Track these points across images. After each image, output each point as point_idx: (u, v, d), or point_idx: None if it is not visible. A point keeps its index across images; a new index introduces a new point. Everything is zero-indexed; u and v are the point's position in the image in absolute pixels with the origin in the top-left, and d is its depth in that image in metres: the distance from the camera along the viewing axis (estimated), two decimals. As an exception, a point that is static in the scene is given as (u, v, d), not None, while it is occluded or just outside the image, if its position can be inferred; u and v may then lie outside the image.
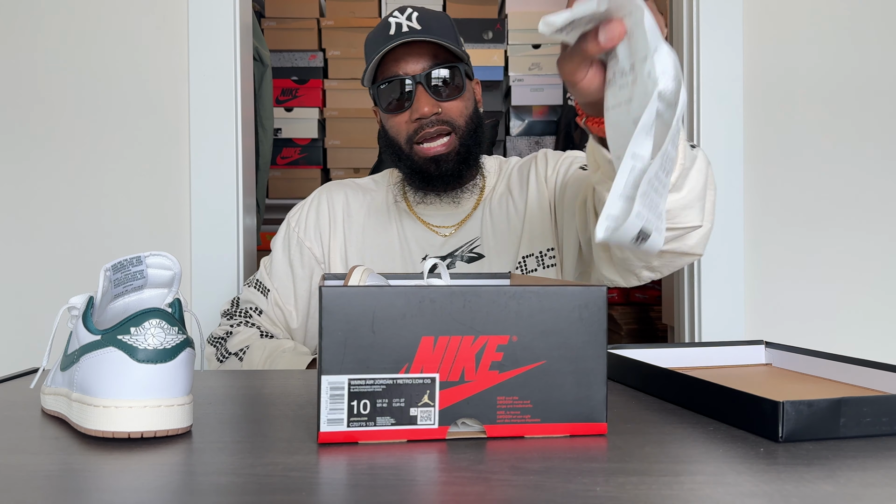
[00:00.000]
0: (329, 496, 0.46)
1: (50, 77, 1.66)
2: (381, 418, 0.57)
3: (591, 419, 0.60)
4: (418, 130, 1.14)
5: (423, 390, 0.57)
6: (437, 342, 0.57)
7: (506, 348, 0.58)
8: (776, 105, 1.74)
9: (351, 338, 0.56)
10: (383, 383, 0.57)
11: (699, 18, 1.74)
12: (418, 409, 0.58)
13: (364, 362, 0.57)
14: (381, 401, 0.57)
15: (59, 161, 1.67)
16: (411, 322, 0.57)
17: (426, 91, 1.13)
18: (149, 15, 1.67)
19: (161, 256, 0.65)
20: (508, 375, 0.59)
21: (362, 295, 0.56)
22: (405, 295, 0.57)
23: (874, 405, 0.59)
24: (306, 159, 3.39)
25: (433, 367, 0.57)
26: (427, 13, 1.15)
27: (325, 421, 0.57)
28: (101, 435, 0.58)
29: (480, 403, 0.58)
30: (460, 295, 0.58)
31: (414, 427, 0.58)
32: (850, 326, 1.73)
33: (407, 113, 1.14)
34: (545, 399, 0.59)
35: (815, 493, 0.46)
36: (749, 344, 0.88)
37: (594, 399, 0.60)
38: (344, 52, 3.42)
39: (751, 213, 1.74)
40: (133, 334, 0.57)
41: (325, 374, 0.56)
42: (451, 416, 0.58)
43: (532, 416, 0.59)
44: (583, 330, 0.60)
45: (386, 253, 1.19)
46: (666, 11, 2.88)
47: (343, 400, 0.57)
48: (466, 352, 0.58)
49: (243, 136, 1.70)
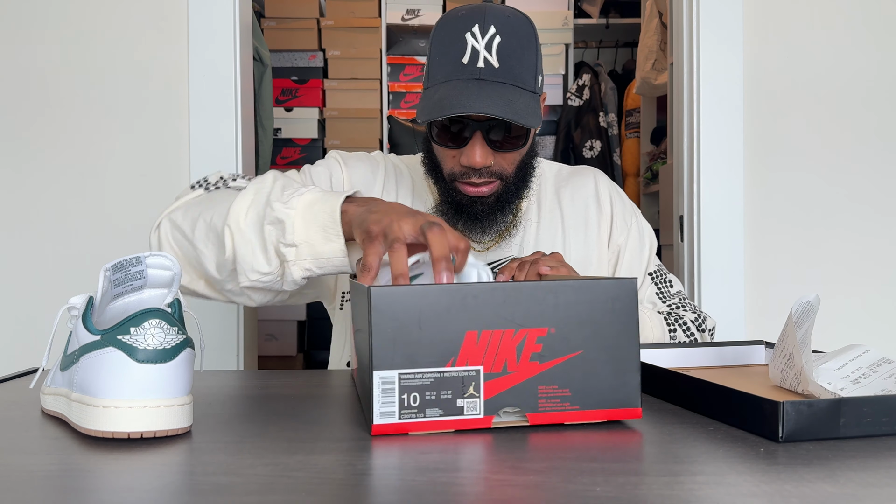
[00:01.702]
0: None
1: (50, 77, 1.66)
2: (429, 410, 0.60)
3: (627, 405, 0.63)
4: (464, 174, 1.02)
5: (469, 382, 0.60)
6: (480, 336, 0.60)
7: (545, 340, 0.61)
8: (776, 105, 1.74)
9: (400, 335, 0.59)
10: (431, 377, 0.60)
11: (699, 18, 1.73)
12: (464, 401, 0.61)
13: (412, 357, 0.60)
14: (430, 393, 0.60)
15: (59, 160, 1.67)
16: (455, 318, 0.60)
17: (484, 140, 1.00)
18: (149, 15, 1.67)
19: (161, 257, 0.65)
20: (548, 365, 0.62)
21: (409, 294, 0.60)
22: (449, 293, 0.60)
23: (874, 405, 0.59)
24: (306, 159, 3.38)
25: (477, 360, 0.60)
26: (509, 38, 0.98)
27: (378, 414, 0.59)
28: (101, 435, 0.58)
29: (523, 393, 0.61)
30: (501, 291, 0.61)
31: (461, 417, 0.61)
32: (850, 326, 1.73)
33: (458, 151, 1.02)
34: (583, 387, 0.62)
35: (816, 493, 0.46)
36: (749, 344, 0.88)
37: (629, 385, 0.63)
38: (344, 52, 3.42)
39: (751, 214, 1.74)
40: (133, 334, 0.57)
41: (377, 370, 0.59)
42: (495, 405, 0.61)
43: (571, 404, 0.62)
44: (616, 320, 0.62)
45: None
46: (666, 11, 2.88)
47: (394, 393, 0.59)
48: (508, 344, 0.61)
49: (243, 136, 1.70)
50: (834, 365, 0.71)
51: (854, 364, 0.70)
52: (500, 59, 0.98)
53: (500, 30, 0.98)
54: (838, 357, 0.72)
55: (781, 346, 0.70)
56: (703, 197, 1.73)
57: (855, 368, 0.70)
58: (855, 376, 0.69)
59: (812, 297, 0.69)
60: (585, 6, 3.81)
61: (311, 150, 3.38)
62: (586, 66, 3.66)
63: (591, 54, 3.94)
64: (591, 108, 3.59)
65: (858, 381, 0.68)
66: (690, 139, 1.77)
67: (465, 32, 0.98)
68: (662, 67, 3.00)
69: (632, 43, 3.78)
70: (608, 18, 3.77)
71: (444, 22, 1.03)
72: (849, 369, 0.70)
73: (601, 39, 3.87)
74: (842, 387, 0.68)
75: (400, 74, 3.49)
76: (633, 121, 3.58)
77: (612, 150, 3.61)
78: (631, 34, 3.74)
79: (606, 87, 3.66)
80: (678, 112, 1.85)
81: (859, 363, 0.70)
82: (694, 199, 1.75)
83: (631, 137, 3.58)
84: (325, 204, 0.84)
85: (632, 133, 3.58)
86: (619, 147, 3.64)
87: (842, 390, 0.67)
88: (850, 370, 0.70)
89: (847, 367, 0.70)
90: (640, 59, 3.13)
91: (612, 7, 3.80)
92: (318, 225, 0.83)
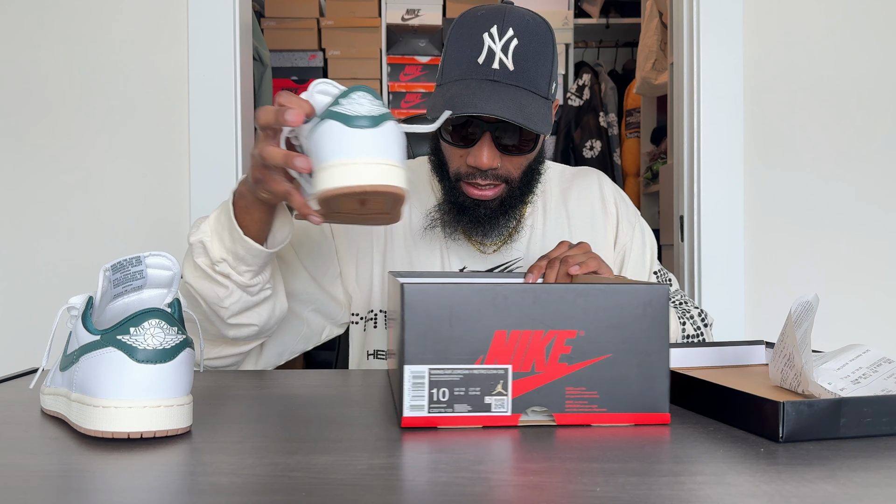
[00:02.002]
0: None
1: (50, 77, 1.66)
2: (458, 405, 0.61)
3: (655, 409, 0.64)
4: (470, 175, 1.02)
5: (497, 380, 0.61)
6: (509, 335, 0.61)
7: (574, 342, 0.62)
8: (776, 105, 1.74)
9: (431, 331, 0.61)
10: (461, 373, 0.61)
11: (699, 18, 1.73)
12: (493, 398, 0.62)
13: (443, 353, 0.61)
14: (459, 389, 0.61)
15: (60, 161, 1.67)
16: (486, 317, 0.61)
17: (492, 142, 0.99)
18: (149, 15, 1.67)
19: (160, 256, 0.65)
20: (576, 367, 0.62)
21: (441, 292, 0.61)
22: (480, 292, 0.61)
23: (875, 405, 0.59)
24: (306, 159, 3.39)
25: (506, 359, 0.62)
26: (526, 41, 0.97)
27: (408, 407, 0.61)
28: (101, 435, 0.57)
29: (550, 393, 0.62)
30: (531, 292, 0.62)
31: (489, 414, 0.62)
32: (850, 326, 1.73)
33: (465, 151, 1.01)
34: (611, 390, 0.63)
35: (816, 493, 0.46)
36: (750, 344, 0.88)
37: (657, 390, 0.63)
38: (344, 51, 3.42)
39: (751, 214, 1.74)
40: (133, 334, 0.57)
41: (408, 364, 0.61)
42: (522, 404, 0.62)
43: (599, 406, 0.63)
44: (647, 325, 0.63)
45: (426, 260, 1.11)
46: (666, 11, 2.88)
47: (424, 388, 0.61)
48: (537, 345, 0.62)
49: (243, 136, 1.70)
50: (834, 365, 0.70)
51: (854, 364, 0.70)
52: (515, 62, 0.97)
53: (518, 33, 0.97)
54: (838, 357, 0.71)
55: (781, 347, 0.70)
56: (703, 197, 1.73)
57: (855, 368, 0.70)
58: (855, 376, 0.69)
59: (811, 296, 0.69)
60: (585, 6, 3.81)
61: (311, 150, 3.38)
62: (586, 66, 3.66)
63: (592, 54, 3.94)
64: (591, 108, 3.59)
65: (859, 380, 0.68)
66: (691, 139, 1.77)
67: (483, 32, 0.97)
68: (662, 67, 3.00)
69: (632, 43, 3.78)
70: (608, 18, 3.77)
71: (462, 20, 1.01)
72: (849, 369, 0.70)
73: (601, 39, 3.87)
74: (842, 387, 0.68)
75: (400, 74, 3.49)
76: (633, 121, 3.59)
77: (613, 150, 3.61)
78: (631, 34, 3.74)
79: (606, 87, 3.66)
80: (678, 112, 1.85)
81: (860, 363, 0.70)
82: (694, 199, 1.75)
83: (631, 137, 3.58)
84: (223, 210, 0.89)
85: (632, 133, 3.58)
86: (620, 147, 3.64)
87: (842, 390, 0.67)
88: (851, 370, 0.70)
89: (847, 366, 0.70)
90: (641, 58, 3.13)
91: (613, 7, 3.80)
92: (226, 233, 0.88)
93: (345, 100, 0.66)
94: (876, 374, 0.69)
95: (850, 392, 0.67)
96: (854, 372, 0.69)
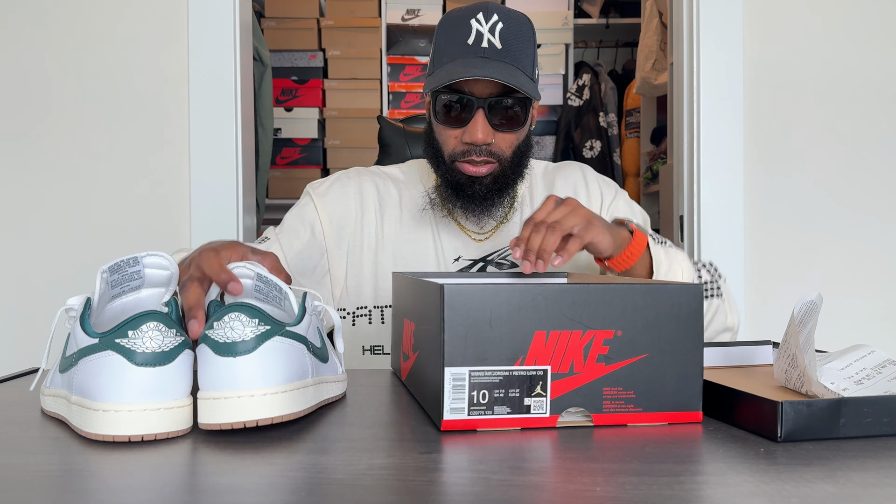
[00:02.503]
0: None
1: (49, 77, 1.66)
2: (497, 407, 0.61)
3: (688, 408, 0.64)
4: (465, 152, 1.08)
5: (537, 381, 0.62)
6: (548, 336, 0.62)
7: (611, 342, 0.62)
8: (776, 105, 1.74)
9: (471, 332, 0.61)
10: (500, 374, 0.61)
11: (699, 18, 1.73)
12: (531, 399, 0.62)
13: (482, 355, 0.61)
14: (498, 391, 0.61)
15: (58, 161, 1.67)
16: (525, 318, 0.61)
17: (486, 118, 1.06)
18: (148, 15, 1.67)
19: (158, 256, 0.65)
20: (614, 368, 0.63)
21: (481, 293, 0.61)
22: (520, 293, 0.61)
23: (875, 406, 0.59)
24: (306, 159, 3.39)
25: (545, 360, 0.62)
26: (511, 27, 1.06)
27: (448, 410, 0.61)
28: (102, 439, 0.57)
29: (588, 394, 0.62)
30: (570, 292, 0.62)
31: (527, 416, 0.62)
32: (850, 326, 1.73)
33: (460, 130, 1.08)
34: (647, 390, 0.63)
35: (816, 493, 0.46)
36: (756, 344, 0.88)
37: (691, 389, 0.64)
38: (344, 51, 3.42)
39: (751, 214, 1.74)
40: (131, 337, 0.57)
41: (448, 366, 0.60)
42: (561, 405, 0.62)
43: (635, 406, 0.63)
44: (681, 325, 0.63)
45: (420, 251, 1.16)
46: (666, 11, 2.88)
47: (464, 390, 0.61)
48: (575, 345, 0.62)
49: (243, 136, 1.70)
50: (838, 365, 0.70)
51: (858, 364, 0.70)
52: (502, 41, 1.05)
53: (502, 18, 1.06)
54: (843, 357, 0.71)
55: (785, 347, 0.70)
56: (703, 197, 1.73)
57: (859, 369, 0.70)
58: (859, 377, 0.69)
59: (814, 295, 0.69)
60: (585, 6, 3.81)
61: (310, 150, 3.38)
62: (586, 66, 3.66)
63: (591, 54, 3.93)
64: (591, 108, 3.59)
65: (862, 381, 0.68)
66: (690, 139, 1.77)
67: (471, 18, 1.06)
68: (662, 67, 3.00)
69: (632, 43, 3.77)
70: (608, 18, 3.77)
71: (447, 16, 1.11)
72: (853, 370, 0.70)
73: (601, 39, 3.87)
74: (845, 387, 0.68)
75: (400, 74, 3.49)
76: (633, 121, 3.58)
77: (612, 150, 3.61)
78: (631, 34, 3.74)
79: (606, 87, 3.66)
80: (678, 112, 1.85)
81: (864, 364, 0.70)
82: (694, 199, 1.75)
83: (631, 137, 3.58)
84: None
85: (632, 133, 3.58)
86: (619, 147, 3.64)
87: (844, 391, 0.67)
88: (854, 371, 0.70)
89: (851, 367, 0.70)
90: (640, 58, 3.13)
91: (612, 7, 3.80)
92: None
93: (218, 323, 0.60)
94: (880, 376, 0.69)
95: (853, 393, 0.67)
96: (858, 373, 0.69)
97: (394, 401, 0.74)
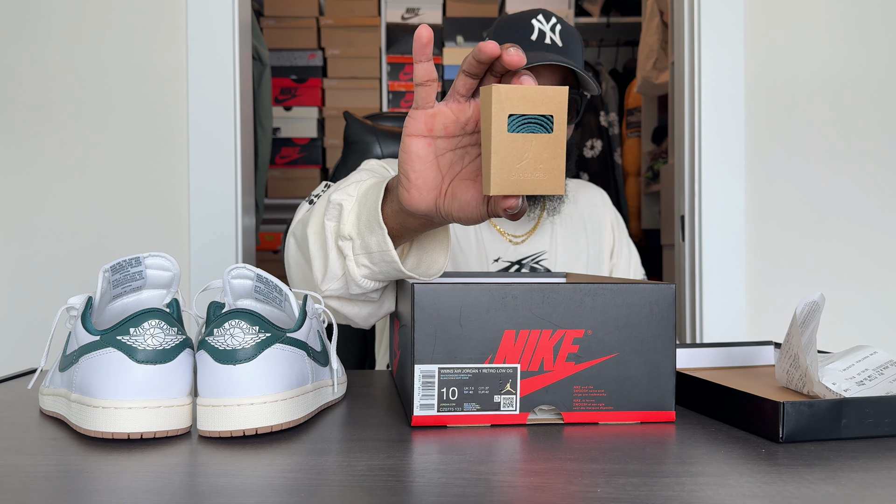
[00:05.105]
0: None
1: (48, 77, 1.66)
2: (467, 404, 0.62)
3: (661, 408, 0.65)
4: None
5: (506, 379, 0.62)
6: (518, 335, 0.62)
7: (582, 341, 0.63)
8: (777, 105, 1.74)
9: (441, 330, 0.62)
10: (470, 372, 0.62)
11: (700, 17, 1.73)
12: (501, 397, 0.63)
13: (452, 353, 0.62)
14: (468, 388, 0.62)
15: (58, 161, 1.67)
16: (495, 316, 0.62)
17: None
18: (148, 14, 1.67)
19: (160, 257, 0.65)
20: (584, 366, 0.63)
21: (451, 292, 0.62)
22: (490, 292, 0.62)
23: (876, 406, 0.59)
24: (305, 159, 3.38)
25: (515, 358, 0.62)
26: (568, 29, 1.12)
27: (418, 406, 0.62)
28: (101, 436, 0.57)
29: (558, 392, 0.63)
30: (539, 291, 0.62)
31: (497, 413, 0.63)
32: (851, 326, 1.73)
33: None
34: (618, 388, 0.64)
35: (817, 493, 0.46)
36: (758, 344, 0.88)
37: (663, 389, 0.64)
38: (343, 50, 3.42)
39: (752, 214, 1.74)
40: (132, 335, 0.57)
41: (418, 364, 0.62)
42: (531, 403, 0.63)
43: (606, 405, 0.64)
44: (653, 324, 0.64)
45: (466, 247, 1.17)
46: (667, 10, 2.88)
47: (434, 387, 0.62)
48: (545, 344, 0.63)
49: (242, 136, 1.70)
50: (840, 365, 0.70)
51: (861, 365, 0.70)
52: (563, 41, 1.10)
53: (559, 21, 1.12)
54: (845, 357, 0.71)
55: (787, 347, 0.70)
56: (704, 196, 1.73)
57: (861, 370, 0.70)
58: (861, 378, 0.69)
59: (817, 295, 0.69)
60: (586, 5, 3.81)
61: (310, 150, 3.38)
62: (587, 65, 3.66)
63: (592, 53, 3.93)
64: (591, 108, 3.59)
65: (864, 382, 0.68)
66: (692, 138, 1.77)
67: (531, 19, 1.11)
68: (663, 66, 3.00)
69: (633, 42, 3.77)
70: (609, 17, 3.77)
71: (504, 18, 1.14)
72: (855, 370, 0.70)
73: (602, 38, 3.87)
74: (846, 388, 0.68)
75: (399, 73, 3.49)
76: (634, 120, 3.58)
77: (613, 150, 3.61)
78: (632, 33, 3.74)
79: (607, 87, 3.66)
80: (679, 111, 1.85)
81: (866, 364, 0.70)
82: (695, 199, 1.75)
83: (632, 137, 3.58)
84: (375, 189, 0.73)
85: (633, 132, 3.58)
86: (620, 146, 3.64)
87: (846, 391, 0.67)
88: (856, 372, 0.70)
89: (853, 368, 0.70)
90: (641, 58, 3.13)
91: (613, 6, 3.80)
92: (366, 213, 0.72)
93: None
94: (882, 377, 0.69)
95: (855, 393, 0.67)
96: (860, 374, 0.69)
97: (394, 401, 0.74)
